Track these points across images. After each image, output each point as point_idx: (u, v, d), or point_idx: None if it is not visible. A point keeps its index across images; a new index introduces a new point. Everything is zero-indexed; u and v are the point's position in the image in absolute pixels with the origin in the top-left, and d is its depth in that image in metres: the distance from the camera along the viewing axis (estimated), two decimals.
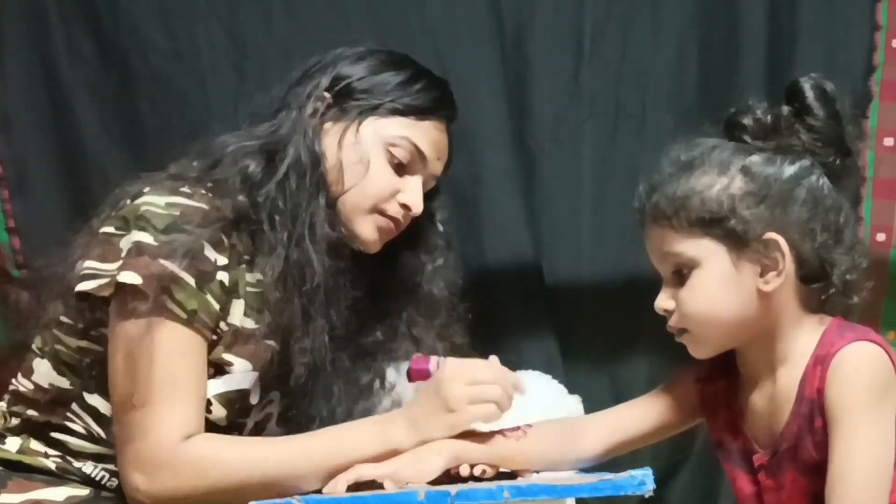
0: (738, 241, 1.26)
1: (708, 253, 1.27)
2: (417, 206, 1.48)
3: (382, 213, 1.47)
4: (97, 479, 1.40)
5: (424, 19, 2.01)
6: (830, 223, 1.28)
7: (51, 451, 1.40)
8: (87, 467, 1.40)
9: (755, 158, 1.27)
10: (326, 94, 1.47)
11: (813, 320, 1.30)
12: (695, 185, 1.27)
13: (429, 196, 1.54)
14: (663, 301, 1.31)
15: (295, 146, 1.43)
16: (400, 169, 1.47)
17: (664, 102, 2.03)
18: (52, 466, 1.40)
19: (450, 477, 1.35)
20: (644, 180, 1.32)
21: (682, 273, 1.29)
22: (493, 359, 1.42)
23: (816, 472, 1.24)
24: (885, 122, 2.02)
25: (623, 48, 2.03)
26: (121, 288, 1.31)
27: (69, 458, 1.40)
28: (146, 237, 1.32)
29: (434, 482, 1.31)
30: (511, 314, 2.04)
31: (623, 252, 2.02)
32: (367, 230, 1.47)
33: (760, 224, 1.25)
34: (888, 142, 2.04)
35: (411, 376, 1.44)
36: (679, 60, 2.03)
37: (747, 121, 1.30)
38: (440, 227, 1.60)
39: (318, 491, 1.31)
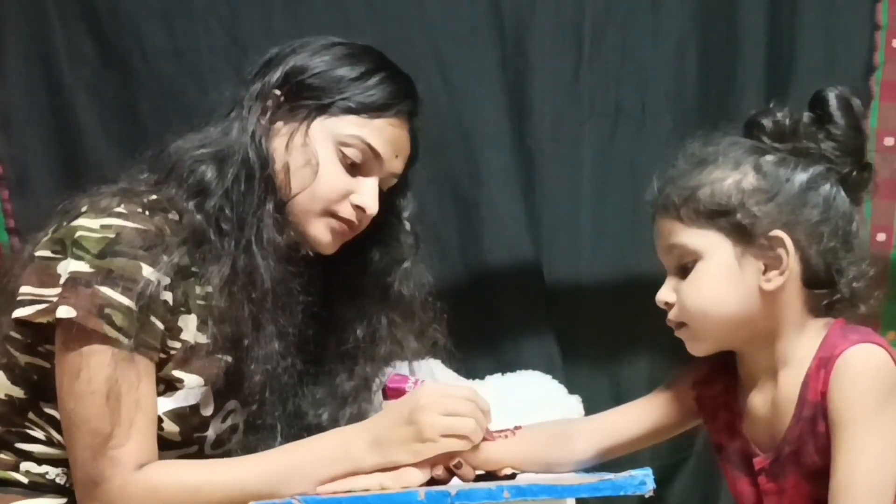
0: (743, 235, 1.25)
1: (712, 245, 1.26)
2: (371, 208, 1.43)
3: (334, 215, 1.42)
4: (69, 487, 1.36)
5: (424, 19, 2.01)
6: (840, 229, 1.27)
7: (21, 463, 1.38)
8: (60, 478, 1.37)
9: (770, 158, 1.27)
10: (277, 92, 1.43)
11: (817, 324, 1.28)
12: (707, 178, 1.27)
13: (395, 193, 1.50)
14: (665, 294, 1.31)
15: (242, 150, 1.39)
16: (353, 169, 1.42)
17: (664, 102, 2.03)
18: (25, 480, 1.37)
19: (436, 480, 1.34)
20: (659, 175, 1.32)
21: (686, 268, 1.28)
22: (473, 388, 1.38)
23: (819, 476, 1.23)
24: (885, 122, 2.03)
25: (623, 48, 2.03)
26: (60, 321, 1.28)
27: (38, 468, 1.37)
28: (81, 266, 1.29)
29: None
30: (511, 314, 2.04)
31: (623, 252, 2.02)
32: (320, 233, 1.42)
33: (768, 220, 1.25)
34: (888, 142, 2.04)
35: (387, 394, 1.41)
36: (679, 60, 2.03)
37: (766, 122, 1.30)
38: (408, 226, 1.54)
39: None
